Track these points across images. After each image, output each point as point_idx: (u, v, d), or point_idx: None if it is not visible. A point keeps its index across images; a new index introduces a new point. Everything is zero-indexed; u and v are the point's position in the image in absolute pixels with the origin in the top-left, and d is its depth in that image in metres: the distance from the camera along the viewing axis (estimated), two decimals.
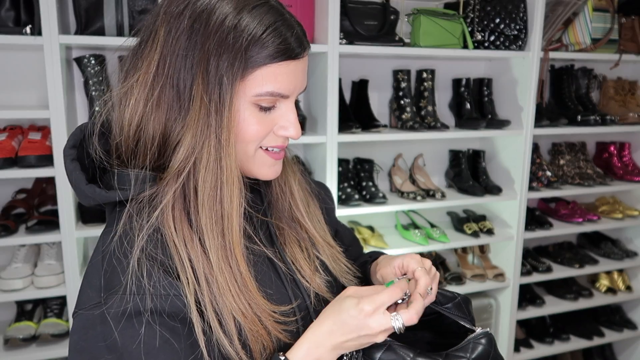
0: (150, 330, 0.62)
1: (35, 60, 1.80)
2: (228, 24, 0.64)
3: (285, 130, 0.72)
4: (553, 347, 2.52)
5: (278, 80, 0.68)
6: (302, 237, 0.82)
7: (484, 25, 2.09)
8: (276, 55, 0.66)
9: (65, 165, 0.70)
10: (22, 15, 1.59)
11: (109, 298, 0.63)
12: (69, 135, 0.73)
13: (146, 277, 0.64)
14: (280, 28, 0.67)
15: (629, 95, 2.59)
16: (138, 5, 1.65)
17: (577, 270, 2.47)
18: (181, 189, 0.67)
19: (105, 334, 0.61)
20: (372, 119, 2.06)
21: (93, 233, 1.74)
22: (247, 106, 0.68)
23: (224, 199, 0.67)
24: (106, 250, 0.66)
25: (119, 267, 0.64)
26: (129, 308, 0.62)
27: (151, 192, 0.68)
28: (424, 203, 2.10)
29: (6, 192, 1.87)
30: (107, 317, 0.62)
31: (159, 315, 0.63)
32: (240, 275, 0.68)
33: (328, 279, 0.82)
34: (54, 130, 1.61)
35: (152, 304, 0.63)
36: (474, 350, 0.74)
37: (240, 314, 0.67)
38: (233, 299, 0.67)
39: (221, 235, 0.68)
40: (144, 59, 0.68)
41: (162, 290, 0.64)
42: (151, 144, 0.68)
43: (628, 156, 2.67)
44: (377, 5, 1.97)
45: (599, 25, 2.24)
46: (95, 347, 0.62)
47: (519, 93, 2.23)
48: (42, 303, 1.86)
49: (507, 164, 2.33)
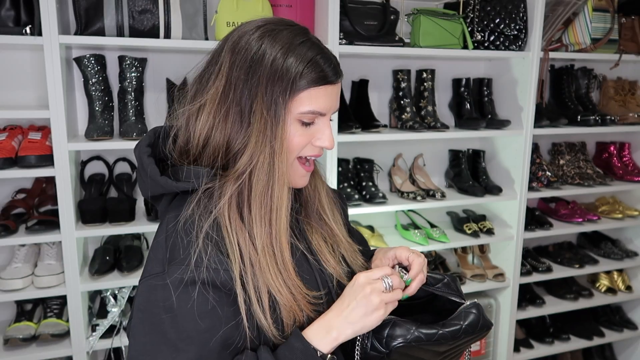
0: (201, 297, 0.76)
1: (35, 60, 1.81)
2: (278, 62, 0.81)
3: (321, 141, 0.88)
4: (553, 347, 2.52)
5: (317, 101, 0.84)
6: (328, 234, 0.97)
7: (483, 25, 2.09)
8: (317, 81, 0.83)
9: (142, 159, 0.86)
10: (22, 15, 1.59)
11: (171, 268, 0.78)
12: (144, 135, 0.91)
13: (203, 253, 0.78)
14: (319, 61, 0.83)
15: (629, 95, 2.59)
16: (138, 6, 1.65)
17: (577, 270, 2.47)
18: (239, 187, 0.83)
19: (164, 298, 0.76)
20: (372, 119, 2.06)
21: (93, 233, 1.74)
22: (293, 122, 0.84)
23: (274, 195, 0.83)
24: (170, 230, 0.82)
25: (181, 244, 0.80)
26: (186, 277, 0.76)
27: (214, 185, 0.83)
28: (424, 203, 2.10)
29: (6, 192, 1.87)
30: (168, 284, 0.76)
31: (210, 286, 0.77)
32: (282, 259, 0.83)
33: (348, 270, 0.97)
34: (54, 130, 1.61)
35: (205, 275, 0.77)
36: (466, 318, 0.88)
37: (276, 291, 0.81)
38: (271, 277, 0.81)
39: (269, 225, 0.83)
40: (211, 84, 0.85)
41: (214, 265, 0.78)
42: (217, 150, 0.85)
43: (628, 156, 2.67)
44: (377, 5, 1.97)
45: (599, 25, 2.24)
46: (155, 308, 0.76)
47: (519, 93, 2.23)
48: (42, 303, 1.86)
49: (507, 164, 2.33)
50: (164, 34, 1.69)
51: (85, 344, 1.77)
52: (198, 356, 0.75)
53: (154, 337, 0.76)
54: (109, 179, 1.95)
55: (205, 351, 0.76)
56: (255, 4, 1.76)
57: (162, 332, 0.76)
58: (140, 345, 0.77)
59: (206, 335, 0.76)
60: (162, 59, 1.94)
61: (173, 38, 1.70)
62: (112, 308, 1.83)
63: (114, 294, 1.87)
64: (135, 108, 1.81)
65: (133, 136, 1.74)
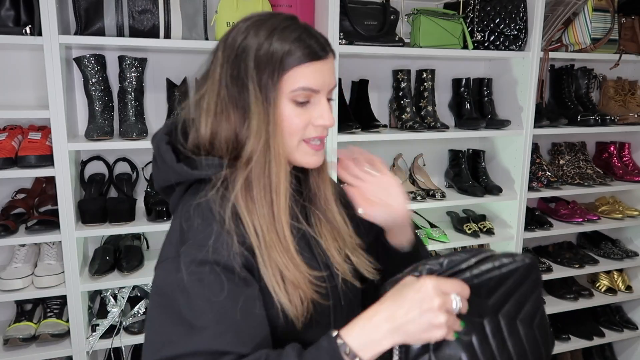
0: (213, 276, 0.77)
1: (35, 60, 1.80)
2: (264, 47, 0.83)
3: (321, 119, 0.87)
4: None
5: (307, 78, 0.84)
6: (334, 227, 0.96)
7: (483, 25, 2.09)
8: (303, 58, 0.83)
9: (160, 147, 0.89)
10: (22, 15, 1.59)
11: (184, 249, 0.80)
12: (163, 125, 0.94)
13: (217, 237, 0.80)
14: (305, 38, 0.84)
15: (629, 95, 2.59)
16: (138, 6, 1.65)
17: (577, 270, 2.47)
18: (248, 172, 0.85)
19: (178, 279, 0.77)
20: (372, 119, 2.06)
21: (93, 233, 1.74)
22: (287, 103, 0.84)
23: (272, 175, 0.84)
24: (186, 215, 0.84)
25: (195, 227, 0.82)
26: (199, 257, 0.78)
27: (226, 173, 0.86)
28: (424, 203, 2.10)
29: (6, 192, 1.87)
30: (181, 265, 0.78)
31: (221, 267, 0.78)
32: (284, 236, 0.85)
33: (353, 267, 0.96)
34: (53, 130, 1.61)
35: (217, 258, 0.78)
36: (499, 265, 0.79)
37: (284, 268, 0.83)
38: (278, 255, 0.83)
39: (270, 205, 0.84)
40: (209, 77, 0.88)
41: (227, 250, 0.80)
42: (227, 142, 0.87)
43: (628, 156, 2.67)
44: (377, 5, 1.97)
45: (599, 25, 2.24)
46: (170, 290, 0.78)
47: (519, 93, 2.23)
48: (42, 303, 1.86)
49: (507, 164, 2.33)
50: (164, 34, 1.69)
51: (85, 344, 1.77)
52: (214, 334, 0.74)
53: (170, 318, 0.77)
54: (109, 179, 1.95)
55: (221, 330, 0.75)
56: (255, 4, 1.76)
57: (178, 313, 0.76)
58: (157, 327, 0.78)
59: (221, 313, 0.76)
60: (162, 59, 1.94)
61: (173, 38, 1.70)
62: (112, 308, 1.83)
63: (114, 294, 1.87)
64: (135, 108, 1.81)
65: (133, 136, 1.74)
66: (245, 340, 0.76)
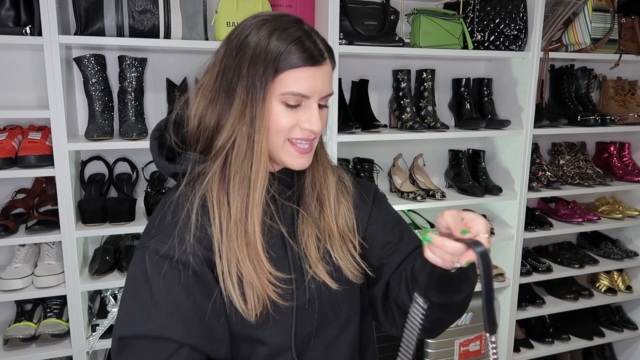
0: (171, 272, 0.83)
1: (35, 60, 1.81)
2: (262, 44, 0.84)
3: (308, 123, 0.87)
4: (553, 347, 2.52)
5: (299, 83, 0.84)
6: (321, 229, 0.96)
7: (483, 25, 2.09)
8: (298, 62, 0.83)
9: (150, 141, 0.94)
10: (22, 15, 1.59)
11: (151, 242, 0.85)
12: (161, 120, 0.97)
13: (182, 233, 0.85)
14: (303, 41, 0.84)
15: (629, 95, 2.59)
16: (138, 6, 1.65)
17: (577, 270, 2.47)
18: (222, 163, 0.87)
19: (144, 269, 0.84)
20: (372, 119, 2.06)
21: (93, 233, 1.74)
22: (277, 104, 0.86)
23: (252, 170, 0.86)
24: (159, 208, 0.90)
25: (165, 222, 0.87)
26: (161, 251, 0.84)
27: (202, 168, 0.89)
28: (424, 203, 2.10)
29: (6, 192, 1.87)
30: (146, 256, 0.84)
31: (182, 265, 0.83)
32: (253, 231, 0.86)
33: (330, 268, 0.95)
34: (53, 130, 1.61)
35: (179, 255, 0.83)
36: None
37: (241, 262, 0.85)
38: (237, 248, 0.85)
39: (246, 197, 0.86)
40: (210, 69, 0.91)
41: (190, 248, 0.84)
42: (207, 132, 0.90)
43: (628, 156, 2.67)
44: (377, 5, 1.97)
45: (599, 25, 2.24)
46: (139, 276, 0.85)
47: (519, 93, 2.23)
48: (42, 303, 1.86)
49: (507, 164, 2.33)
50: (164, 34, 1.69)
51: (85, 344, 1.77)
52: (165, 324, 0.81)
53: (134, 301, 0.84)
54: (109, 179, 1.95)
55: (171, 321, 0.81)
56: (255, 4, 1.76)
57: (142, 298, 0.83)
58: (124, 307, 0.86)
59: (173, 307, 0.82)
60: (162, 59, 1.94)
61: (173, 38, 1.70)
62: (112, 308, 1.83)
63: (114, 294, 1.87)
64: (135, 108, 1.81)
65: (133, 136, 1.74)
66: (195, 332, 0.82)
